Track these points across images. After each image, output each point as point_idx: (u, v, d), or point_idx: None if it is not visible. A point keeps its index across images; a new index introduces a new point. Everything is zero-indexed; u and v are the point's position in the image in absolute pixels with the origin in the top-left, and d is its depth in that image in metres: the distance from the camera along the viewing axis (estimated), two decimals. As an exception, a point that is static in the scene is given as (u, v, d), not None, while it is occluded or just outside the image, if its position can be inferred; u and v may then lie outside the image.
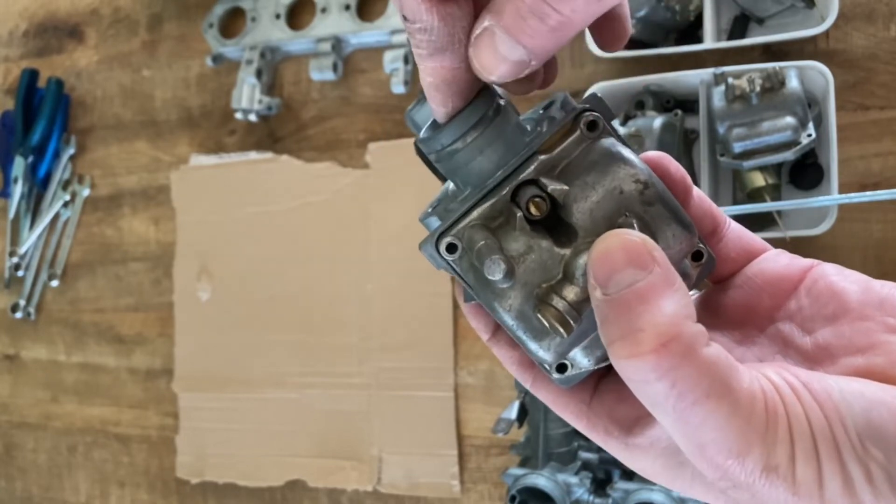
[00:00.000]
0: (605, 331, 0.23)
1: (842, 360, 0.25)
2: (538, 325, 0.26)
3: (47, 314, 1.08)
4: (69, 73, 1.09)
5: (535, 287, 0.26)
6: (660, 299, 0.22)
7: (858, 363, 0.24)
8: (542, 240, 0.26)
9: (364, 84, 0.94)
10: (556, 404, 0.29)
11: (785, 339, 0.27)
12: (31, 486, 1.07)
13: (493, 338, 0.29)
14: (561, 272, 0.26)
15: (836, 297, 0.26)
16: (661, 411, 0.22)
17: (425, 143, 0.27)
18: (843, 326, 0.26)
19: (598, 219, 0.26)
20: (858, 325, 0.25)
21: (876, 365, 0.24)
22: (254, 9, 0.97)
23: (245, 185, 0.97)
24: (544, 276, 0.26)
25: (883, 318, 0.25)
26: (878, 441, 0.21)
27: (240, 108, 0.94)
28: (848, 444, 0.21)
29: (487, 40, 0.24)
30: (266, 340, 0.94)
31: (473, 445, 0.85)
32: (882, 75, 0.73)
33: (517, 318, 0.26)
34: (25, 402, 1.08)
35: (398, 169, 0.90)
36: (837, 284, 0.27)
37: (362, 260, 0.90)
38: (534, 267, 0.26)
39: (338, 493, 0.90)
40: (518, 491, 0.70)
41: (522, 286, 0.26)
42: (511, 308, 0.26)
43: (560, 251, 0.26)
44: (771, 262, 0.29)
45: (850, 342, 0.25)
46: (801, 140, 0.66)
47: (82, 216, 1.07)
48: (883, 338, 0.24)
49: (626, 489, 0.68)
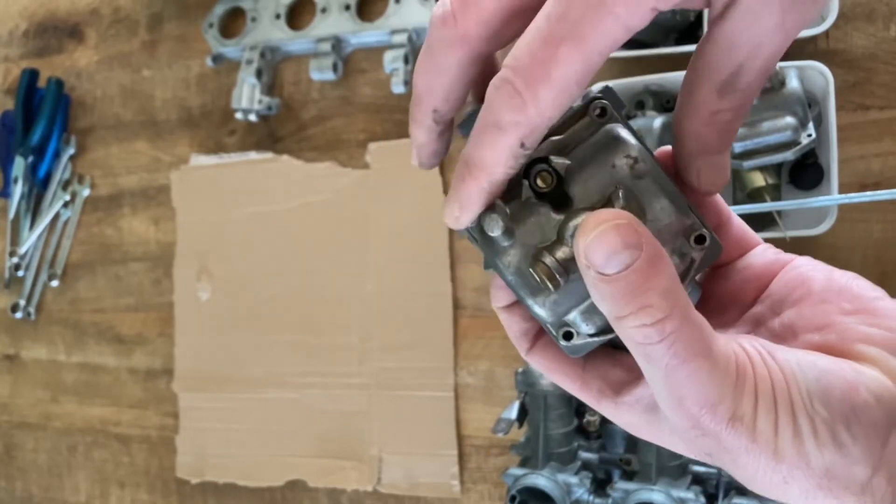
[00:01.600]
0: (612, 307, 0.26)
1: (802, 337, 0.29)
2: (533, 281, 0.28)
3: (47, 314, 1.08)
4: (69, 73, 1.09)
5: (532, 248, 0.28)
6: (657, 273, 0.25)
7: (816, 339, 0.28)
8: (543, 207, 0.29)
9: (364, 84, 0.94)
10: (550, 370, 0.32)
11: (757, 320, 0.31)
12: (31, 486, 1.07)
13: (509, 307, 0.31)
14: (555, 235, 0.28)
15: (803, 284, 0.30)
16: (653, 368, 0.26)
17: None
18: (805, 309, 0.29)
19: (591, 189, 0.28)
20: (819, 307, 0.29)
21: (829, 341, 0.28)
22: (254, 9, 0.97)
23: (245, 185, 0.97)
24: (541, 237, 0.28)
25: (840, 302, 0.29)
26: (824, 402, 0.25)
27: (240, 108, 0.94)
28: (801, 402, 0.25)
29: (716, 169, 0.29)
30: (266, 340, 0.94)
31: (473, 445, 0.85)
32: (882, 75, 0.73)
33: (515, 274, 0.29)
34: (25, 402, 1.08)
35: (398, 169, 0.90)
36: (805, 274, 0.30)
37: (362, 260, 0.90)
38: (532, 229, 0.29)
39: (338, 493, 0.90)
40: (518, 491, 0.70)
41: (521, 246, 0.29)
42: (510, 265, 0.29)
43: (556, 217, 0.28)
44: (759, 258, 0.33)
45: (810, 322, 0.29)
46: (801, 140, 0.66)
47: (82, 216, 1.07)
48: (838, 319, 0.28)
49: (626, 489, 0.68)
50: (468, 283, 0.87)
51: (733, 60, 0.27)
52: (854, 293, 0.29)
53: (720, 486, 0.68)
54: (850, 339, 0.27)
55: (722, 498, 0.68)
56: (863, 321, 0.28)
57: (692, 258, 0.29)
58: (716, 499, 0.68)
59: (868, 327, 0.27)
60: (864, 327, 0.27)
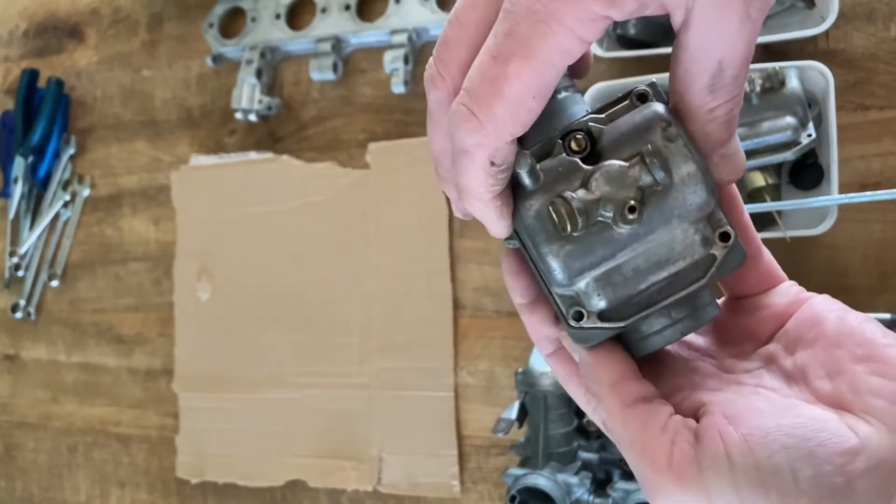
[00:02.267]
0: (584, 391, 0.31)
1: (815, 383, 0.29)
2: (550, 225, 0.28)
3: (47, 314, 1.08)
4: (69, 73, 1.09)
5: (556, 193, 0.28)
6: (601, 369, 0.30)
7: (827, 389, 0.28)
8: (573, 161, 0.29)
9: (364, 84, 0.94)
10: (567, 379, 0.33)
11: (771, 357, 0.31)
12: (31, 486, 1.07)
13: (531, 304, 0.32)
14: (580, 182, 0.28)
15: (817, 325, 0.30)
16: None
17: None
18: (819, 351, 0.29)
19: (622, 147, 0.29)
20: (832, 351, 0.29)
21: (840, 392, 0.28)
22: (254, 9, 0.97)
23: (245, 185, 0.97)
24: (566, 184, 0.28)
25: (851, 347, 0.29)
26: (815, 479, 0.25)
27: (240, 108, 0.94)
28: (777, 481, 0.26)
29: (731, 160, 0.30)
30: (266, 340, 0.94)
31: (473, 445, 0.85)
32: (882, 75, 0.73)
33: (535, 217, 0.29)
34: (25, 402, 1.08)
35: (398, 169, 0.90)
36: (820, 314, 0.30)
37: (362, 260, 0.90)
38: (558, 177, 0.29)
39: (338, 493, 0.90)
40: (518, 491, 0.70)
41: (546, 191, 0.29)
42: (531, 208, 0.29)
43: (585, 168, 0.29)
44: (782, 296, 0.33)
45: (822, 366, 0.29)
46: (801, 140, 0.66)
47: (82, 216, 1.07)
48: (848, 366, 0.28)
49: (626, 489, 0.68)
50: (468, 283, 0.87)
51: (711, 60, 0.27)
52: (865, 338, 0.28)
53: None
54: (859, 391, 0.27)
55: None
56: (873, 370, 0.28)
57: (714, 255, 0.29)
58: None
59: (877, 378, 0.27)
60: (874, 379, 0.27)
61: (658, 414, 0.28)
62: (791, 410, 0.27)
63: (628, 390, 0.29)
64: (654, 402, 0.29)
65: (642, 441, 0.28)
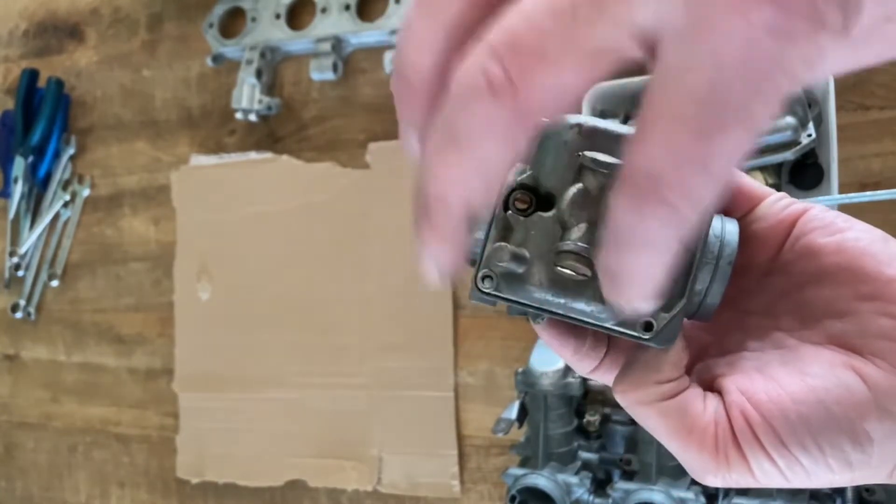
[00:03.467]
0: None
1: (824, 323, 0.28)
2: (568, 282, 0.27)
3: (47, 314, 1.08)
4: (69, 73, 1.09)
5: (550, 254, 0.27)
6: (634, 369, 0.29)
7: (836, 329, 0.28)
8: (533, 217, 0.28)
9: (364, 84, 0.94)
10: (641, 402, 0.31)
11: (780, 292, 0.30)
12: (31, 486, 1.07)
13: (579, 359, 0.31)
14: (560, 229, 0.27)
15: (815, 258, 0.29)
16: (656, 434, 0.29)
17: None
18: (824, 289, 0.28)
19: (560, 172, 0.27)
20: (835, 289, 0.28)
21: (848, 333, 0.27)
22: (254, 9, 0.97)
23: (245, 185, 0.97)
24: (551, 241, 0.27)
25: (857, 285, 0.27)
26: (825, 428, 0.26)
27: (240, 108, 0.94)
28: (796, 436, 0.26)
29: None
30: (266, 340, 0.94)
31: (473, 445, 0.85)
32: (882, 75, 0.73)
33: (551, 286, 0.27)
34: (25, 402, 1.08)
35: (398, 169, 0.90)
36: (815, 243, 0.29)
37: (362, 260, 0.90)
38: (538, 241, 0.27)
39: (338, 493, 0.90)
40: (518, 491, 0.70)
41: (539, 260, 0.27)
42: (542, 283, 0.27)
43: (550, 215, 0.27)
44: (768, 218, 0.31)
45: (830, 305, 0.28)
46: (801, 140, 0.66)
47: (82, 216, 1.07)
48: (854, 306, 0.27)
49: (626, 489, 0.68)
50: (468, 283, 0.86)
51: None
52: (868, 273, 0.27)
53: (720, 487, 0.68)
54: (867, 332, 0.27)
55: (722, 498, 0.68)
56: (879, 310, 0.27)
57: None
58: (716, 499, 0.68)
59: (885, 319, 0.27)
60: (883, 319, 0.27)
61: (695, 396, 0.28)
62: (801, 369, 0.27)
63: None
64: (685, 382, 0.29)
65: (685, 427, 0.27)
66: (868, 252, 0.28)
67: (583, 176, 0.27)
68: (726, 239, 0.29)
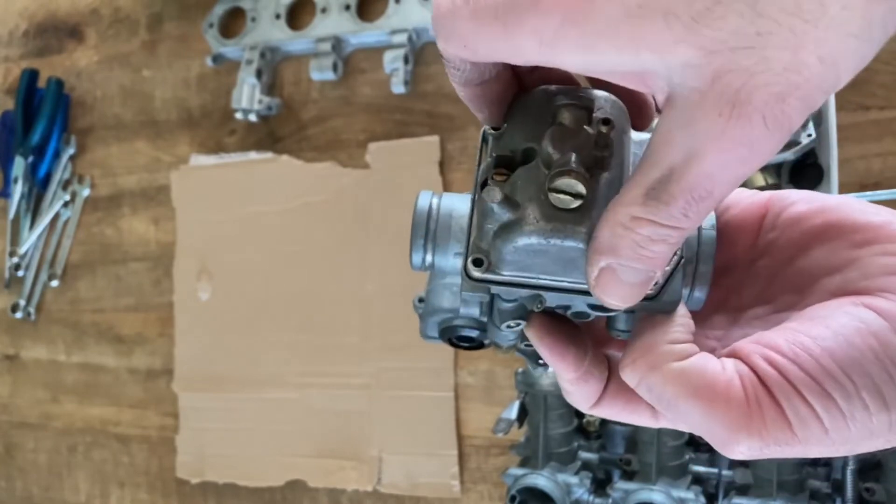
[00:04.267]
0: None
1: (822, 282, 0.27)
2: (564, 215, 0.25)
3: (47, 314, 1.08)
4: (69, 73, 1.09)
5: (540, 192, 0.26)
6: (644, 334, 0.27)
7: (836, 283, 0.27)
8: (518, 171, 0.27)
9: (364, 84, 0.94)
10: (627, 412, 0.30)
11: (770, 274, 0.30)
12: (31, 486, 1.07)
13: (580, 377, 0.29)
14: (547, 168, 0.26)
15: (800, 224, 0.29)
16: (673, 414, 0.26)
17: None
18: (816, 251, 0.28)
19: (535, 125, 0.27)
20: (828, 246, 0.28)
21: (851, 281, 0.26)
22: (254, 9, 0.97)
23: (245, 185, 0.97)
24: (539, 182, 0.26)
25: (848, 235, 0.27)
26: (855, 367, 0.24)
27: (240, 108, 0.94)
28: (830, 377, 0.24)
29: (610, 277, 0.25)
30: (266, 340, 0.94)
31: (473, 445, 0.85)
32: (882, 75, 0.73)
33: (547, 220, 0.25)
34: (25, 402, 1.08)
35: (398, 169, 0.90)
36: (797, 211, 0.29)
37: (362, 260, 0.90)
38: (527, 186, 0.26)
39: (338, 493, 0.90)
40: (518, 491, 0.70)
41: (531, 201, 0.26)
42: (538, 219, 0.25)
43: (532, 163, 0.26)
44: (735, 199, 0.31)
45: (826, 263, 0.28)
46: (800, 140, 0.66)
47: (82, 216, 1.07)
48: (852, 254, 0.27)
49: (626, 489, 0.68)
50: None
51: (665, 160, 0.23)
52: (858, 223, 0.27)
53: (720, 486, 0.68)
54: (870, 274, 0.26)
55: (722, 498, 0.68)
56: (878, 251, 0.26)
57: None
58: (716, 499, 0.68)
59: (885, 257, 0.26)
60: (883, 258, 0.26)
61: (709, 358, 0.26)
62: (811, 317, 0.26)
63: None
64: (696, 347, 0.27)
65: (707, 385, 0.25)
66: (851, 207, 0.28)
67: (558, 116, 0.27)
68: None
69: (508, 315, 0.28)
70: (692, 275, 0.29)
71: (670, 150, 0.22)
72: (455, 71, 0.26)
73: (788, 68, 0.20)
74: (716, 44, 0.20)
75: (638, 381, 0.26)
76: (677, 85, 0.22)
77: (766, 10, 0.20)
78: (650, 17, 0.21)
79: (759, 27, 0.20)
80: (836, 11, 0.20)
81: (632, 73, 0.23)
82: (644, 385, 0.26)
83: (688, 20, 0.20)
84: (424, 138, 0.90)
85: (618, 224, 0.24)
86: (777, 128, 0.21)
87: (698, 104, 0.21)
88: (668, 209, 0.23)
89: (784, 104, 0.21)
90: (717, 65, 0.21)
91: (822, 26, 0.20)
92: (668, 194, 0.23)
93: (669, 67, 0.21)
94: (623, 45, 0.21)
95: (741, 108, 0.21)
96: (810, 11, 0.20)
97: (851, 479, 0.63)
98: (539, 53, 0.23)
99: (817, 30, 0.20)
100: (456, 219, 0.30)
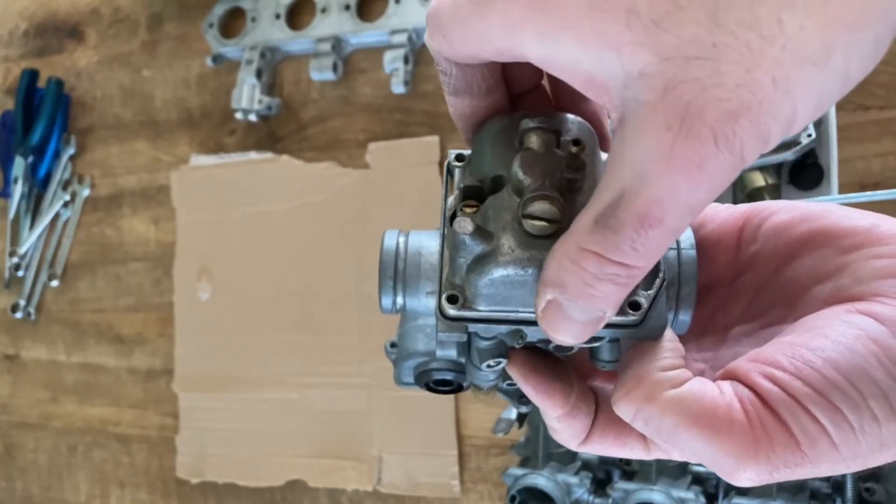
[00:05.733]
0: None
1: (813, 291, 0.27)
2: (540, 242, 0.24)
3: (47, 314, 1.08)
4: (69, 73, 1.09)
5: (514, 220, 0.25)
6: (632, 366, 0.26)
7: (828, 291, 0.26)
8: (488, 201, 0.26)
9: (364, 84, 0.94)
10: (617, 444, 0.29)
11: (755, 288, 0.29)
12: (31, 486, 1.07)
13: (567, 414, 0.28)
14: (514, 192, 0.25)
15: (784, 233, 0.28)
16: (678, 449, 0.25)
17: None
18: (803, 259, 0.27)
19: (503, 153, 0.26)
20: (816, 254, 0.27)
21: (843, 287, 0.26)
22: (254, 9, 0.97)
23: (245, 185, 0.97)
24: (510, 209, 0.25)
25: (836, 240, 0.26)
26: (859, 379, 0.23)
27: (240, 108, 0.94)
28: (832, 390, 0.23)
29: (556, 312, 0.24)
30: (266, 340, 0.94)
31: (473, 445, 0.85)
32: (882, 75, 0.73)
33: (523, 248, 0.24)
34: (25, 402, 1.08)
35: (398, 169, 0.90)
36: (780, 221, 0.28)
37: (362, 260, 0.90)
38: (499, 215, 0.25)
39: (338, 493, 0.90)
40: (518, 491, 0.70)
41: (503, 230, 0.25)
42: (513, 248, 0.24)
43: (502, 191, 0.26)
44: (715, 219, 0.30)
45: (815, 271, 0.27)
46: (800, 140, 0.66)
47: (82, 216, 1.07)
48: (842, 260, 0.26)
49: (626, 489, 0.68)
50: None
51: (616, 183, 0.22)
52: (845, 229, 0.26)
53: (720, 486, 0.68)
54: (863, 279, 0.25)
55: (722, 498, 0.68)
56: (869, 255, 0.25)
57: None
58: (716, 499, 0.68)
59: (877, 261, 0.25)
60: (874, 262, 0.25)
61: (704, 382, 0.25)
62: (807, 328, 0.25)
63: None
64: (689, 373, 0.26)
65: (707, 412, 0.24)
66: (835, 213, 0.27)
67: (526, 140, 0.26)
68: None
69: (488, 354, 0.27)
70: (675, 297, 0.28)
71: (621, 170, 0.21)
72: (444, 77, 0.26)
73: (741, 85, 0.19)
74: (671, 50, 0.20)
75: (633, 415, 0.25)
76: (630, 99, 0.21)
77: (724, 21, 0.19)
78: (613, 13, 0.20)
79: (715, 38, 0.19)
80: (793, 31, 0.19)
81: (592, 79, 0.22)
82: (640, 418, 0.25)
83: (648, 22, 0.20)
84: (424, 138, 0.90)
85: (565, 256, 0.23)
86: (728, 148, 0.20)
87: (648, 118, 0.20)
88: (615, 238, 0.22)
89: (735, 124, 0.20)
90: (670, 74, 0.20)
91: (779, 45, 0.19)
92: (616, 220, 0.21)
93: (627, 75, 0.21)
94: (585, 38, 0.21)
95: (691, 123, 0.20)
96: (768, 27, 0.19)
97: (851, 479, 0.63)
98: (504, 39, 0.22)
99: (773, 48, 0.19)
100: (426, 256, 0.29)
